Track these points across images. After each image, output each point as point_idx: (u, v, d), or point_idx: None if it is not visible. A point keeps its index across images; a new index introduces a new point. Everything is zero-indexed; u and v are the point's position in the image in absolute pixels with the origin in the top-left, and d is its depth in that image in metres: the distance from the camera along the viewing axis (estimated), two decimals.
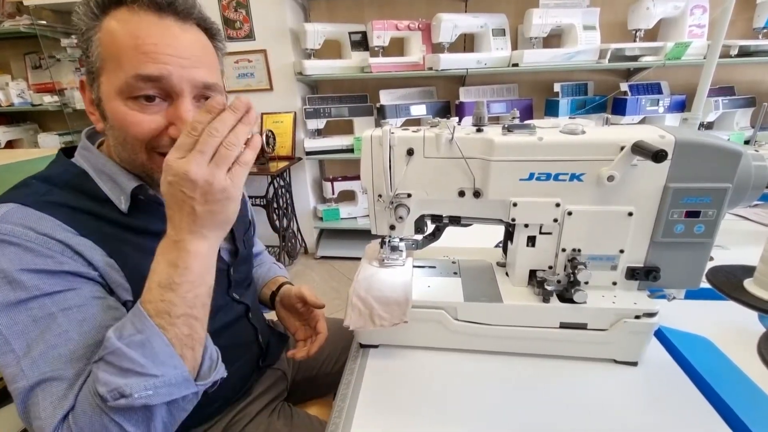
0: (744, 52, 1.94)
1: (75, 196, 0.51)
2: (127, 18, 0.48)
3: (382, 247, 0.70)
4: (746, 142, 1.82)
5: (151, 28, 0.48)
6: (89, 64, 0.50)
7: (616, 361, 0.60)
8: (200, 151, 0.42)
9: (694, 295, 0.61)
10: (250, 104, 0.45)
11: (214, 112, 0.43)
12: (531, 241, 0.61)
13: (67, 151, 0.58)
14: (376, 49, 2.13)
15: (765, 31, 1.96)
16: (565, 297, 0.59)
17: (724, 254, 0.87)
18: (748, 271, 0.50)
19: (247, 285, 0.72)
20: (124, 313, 0.49)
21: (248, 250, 0.73)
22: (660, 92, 2.13)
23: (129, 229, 0.53)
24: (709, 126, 2.14)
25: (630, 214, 0.56)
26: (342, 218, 2.51)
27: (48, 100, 2.54)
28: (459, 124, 0.59)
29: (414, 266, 0.71)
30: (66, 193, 0.50)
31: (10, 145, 2.68)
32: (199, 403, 0.49)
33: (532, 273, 0.63)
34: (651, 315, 0.57)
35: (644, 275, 0.59)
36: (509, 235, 0.66)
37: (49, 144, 2.63)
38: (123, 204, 0.53)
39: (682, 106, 2.08)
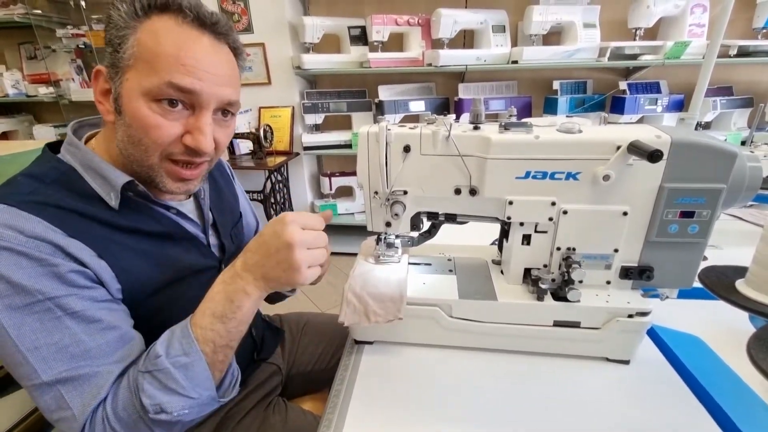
0: (743, 52, 1.94)
1: (62, 193, 0.50)
2: (170, 27, 0.49)
3: (377, 243, 0.70)
4: (743, 143, 1.83)
5: (194, 44, 0.50)
6: (116, 58, 0.49)
7: (608, 360, 0.61)
8: (311, 242, 0.50)
9: (687, 294, 0.62)
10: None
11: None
12: (526, 239, 0.61)
13: (53, 146, 0.57)
14: (375, 44, 2.11)
15: (764, 31, 1.96)
16: (559, 295, 0.59)
17: (717, 254, 0.88)
18: (740, 271, 0.51)
19: None
20: (126, 313, 0.51)
21: (236, 245, 0.72)
22: (659, 91, 2.13)
23: (118, 229, 0.52)
24: (706, 126, 2.14)
25: (625, 213, 0.56)
26: (339, 214, 2.51)
27: (43, 91, 2.51)
28: (457, 121, 0.59)
29: (409, 263, 0.71)
30: (53, 191, 0.49)
31: (4, 136, 2.65)
32: None
33: (527, 271, 0.63)
34: (644, 314, 0.57)
35: (638, 275, 0.59)
36: (505, 233, 0.66)
37: (45, 136, 2.61)
38: (113, 200, 0.52)
39: (680, 106, 2.08)
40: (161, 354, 0.47)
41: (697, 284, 0.59)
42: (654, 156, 0.47)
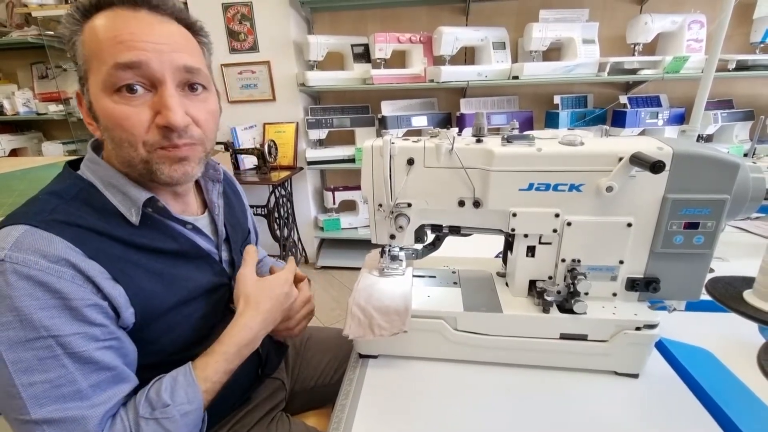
0: (742, 66, 1.96)
1: (82, 210, 0.50)
2: (106, 17, 0.49)
3: (382, 256, 0.71)
4: (745, 155, 1.83)
5: (128, 21, 0.49)
6: (78, 70, 0.51)
7: (617, 373, 0.60)
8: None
9: (694, 306, 0.61)
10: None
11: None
12: (531, 251, 0.61)
13: (74, 164, 0.58)
14: (378, 61, 2.15)
15: (762, 45, 1.98)
16: (565, 308, 0.59)
17: (724, 266, 0.87)
18: (748, 282, 0.50)
19: None
20: (125, 349, 0.51)
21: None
22: (659, 105, 2.15)
23: (135, 248, 0.52)
24: (708, 139, 2.15)
25: (629, 224, 0.56)
26: (343, 228, 2.51)
27: (53, 109, 2.56)
28: (459, 135, 0.60)
29: (414, 276, 0.71)
30: (73, 209, 0.50)
31: (14, 153, 2.69)
32: None
33: (532, 283, 0.63)
34: (651, 326, 0.57)
35: (644, 286, 0.59)
36: (509, 245, 0.66)
37: (53, 152, 2.65)
38: (134, 216, 0.52)
39: (681, 119, 2.09)
40: (169, 403, 0.49)
41: (704, 297, 0.58)
42: (656, 167, 0.47)
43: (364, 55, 2.25)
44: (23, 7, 2.32)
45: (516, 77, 2.05)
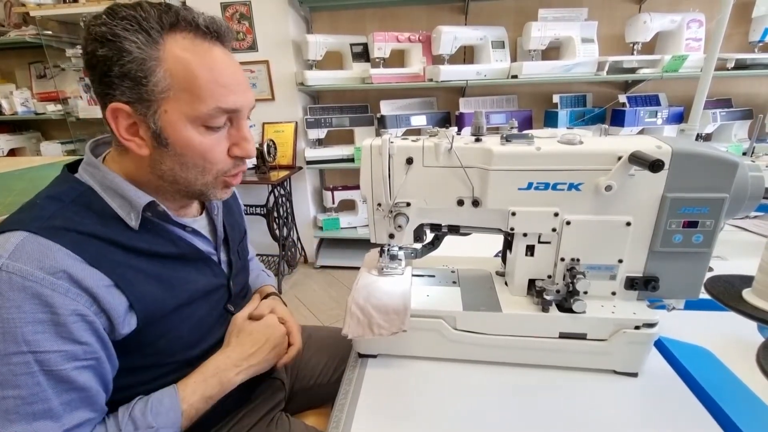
0: (741, 65, 1.96)
1: (81, 215, 0.50)
2: (189, 47, 0.49)
3: (381, 255, 0.70)
4: (744, 154, 1.83)
5: (222, 60, 0.51)
6: (143, 92, 0.48)
7: (616, 372, 0.60)
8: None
9: (693, 305, 0.61)
10: None
11: None
12: (530, 250, 0.61)
13: (71, 167, 0.57)
14: (377, 60, 2.15)
15: (761, 44, 1.98)
16: (565, 307, 0.59)
17: (723, 265, 0.87)
18: (746, 280, 0.50)
19: (243, 295, 0.72)
20: (104, 369, 0.50)
21: (243, 260, 0.73)
22: (658, 104, 2.15)
23: (135, 252, 0.52)
24: (707, 138, 2.15)
25: (628, 223, 0.56)
26: (342, 228, 2.51)
27: (51, 108, 2.56)
28: (458, 134, 0.60)
29: (413, 275, 0.71)
30: (73, 213, 0.49)
31: (12, 153, 2.69)
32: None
33: (531, 282, 0.63)
34: (651, 325, 0.57)
35: (643, 285, 0.59)
36: (508, 245, 0.66)
37: (52, 152, 2.64)
38: (133, 220, 0.52)
39: (680, 118, 2.09)
40: (154, 425, 0.50)
41: (703, 295, 0.58)
42: (655, 166, 0.47)
43: (363, 54, 2.25)
44: (21, 7, 2.31)
45: (515, 76, 2.05)
